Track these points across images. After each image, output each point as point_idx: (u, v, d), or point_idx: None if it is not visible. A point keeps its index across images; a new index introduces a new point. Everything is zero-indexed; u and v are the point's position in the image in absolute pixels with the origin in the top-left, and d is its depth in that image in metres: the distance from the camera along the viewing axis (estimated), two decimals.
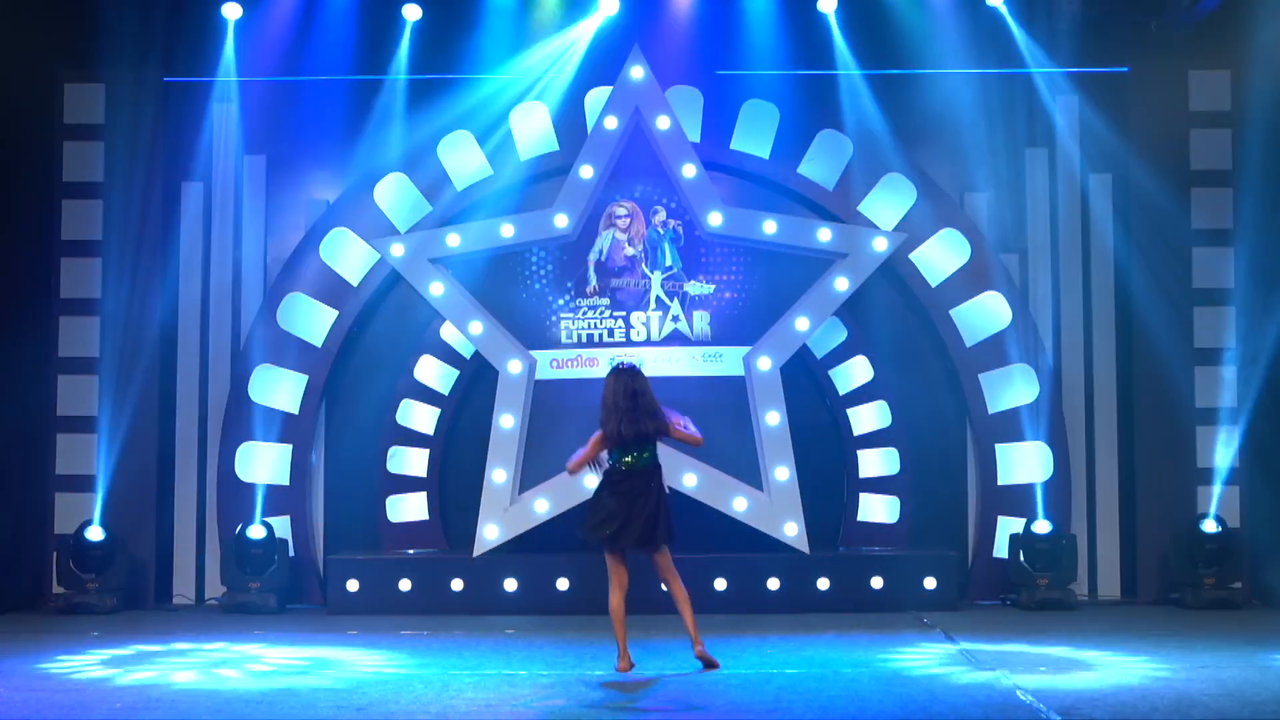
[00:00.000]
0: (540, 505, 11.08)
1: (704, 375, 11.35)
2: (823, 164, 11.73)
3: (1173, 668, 8.26)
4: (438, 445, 11.72)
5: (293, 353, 11.63)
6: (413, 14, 11.63)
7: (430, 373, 11.75)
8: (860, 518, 11.62)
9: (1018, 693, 7.51)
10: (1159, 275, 11.53)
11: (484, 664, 8.65)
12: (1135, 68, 11.64)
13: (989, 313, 11.59)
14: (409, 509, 11.69)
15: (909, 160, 11.71)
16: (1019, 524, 11.24)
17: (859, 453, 11.66)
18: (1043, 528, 11.11)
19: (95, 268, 11.60)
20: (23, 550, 11.42)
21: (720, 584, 10.86)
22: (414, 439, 11.72)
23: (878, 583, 10.96)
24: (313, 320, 11.68)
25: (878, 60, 11.68)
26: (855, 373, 11.70)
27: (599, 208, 11.53)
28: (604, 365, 11.01)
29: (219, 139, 11.87)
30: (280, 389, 11.62)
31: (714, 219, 11.37)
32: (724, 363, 11.41)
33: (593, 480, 8.63)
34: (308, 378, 11.63)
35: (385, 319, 11.92)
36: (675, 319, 11.52)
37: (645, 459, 8.30)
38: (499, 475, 11.14)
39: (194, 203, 11.88)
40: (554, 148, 11.80)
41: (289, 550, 11.30)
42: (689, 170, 11.39)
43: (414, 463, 11.71)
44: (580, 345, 11.48)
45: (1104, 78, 11.74)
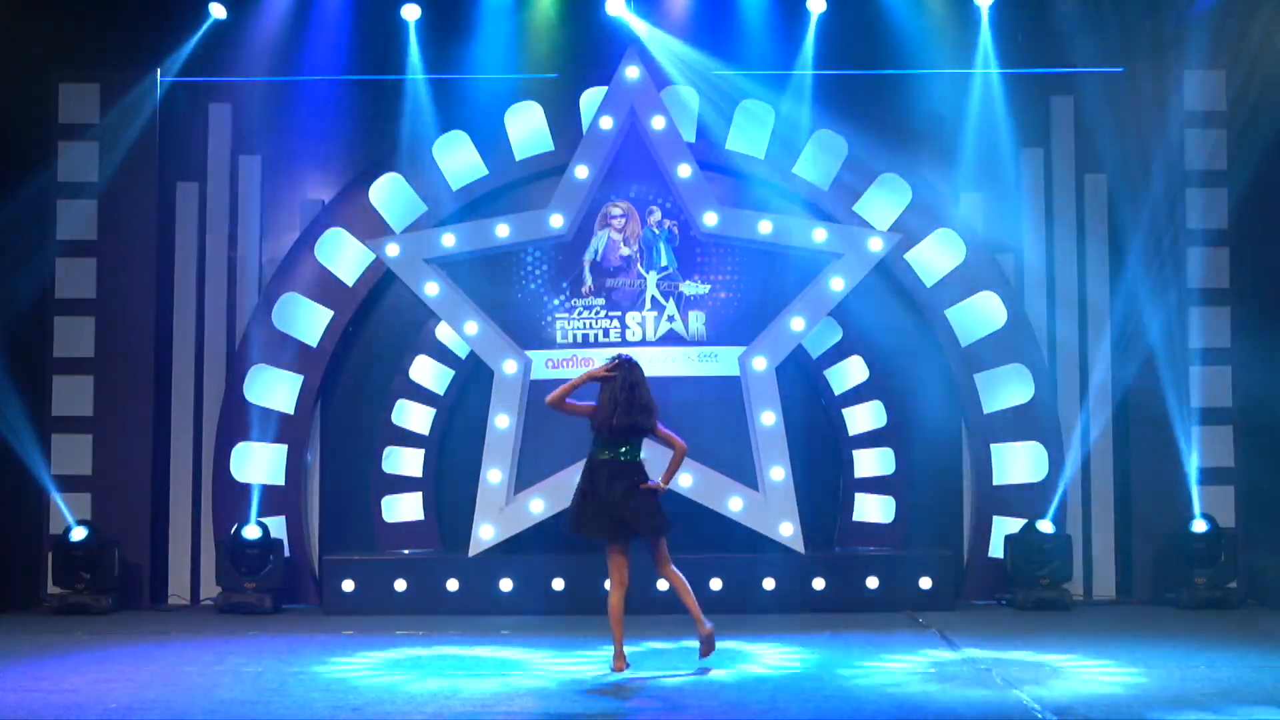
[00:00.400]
0: (535, 505, 11.08)
1: (699, 375, 11.35)
2: (818, 164, 11.73)
3: (1167, 667, 8.27)
4: (433, 445, 11.72)
5: (288, 353, 11.62)
6: (410, 14, 11.63)
7: (426, 373, 11.74)
8: (856, 518, 11.62)
9: (1013, 692, 7.52)
10: (1154, 275, 11.54)
11: (479, 665, 8.64)
12: (1130, 68, 11.64)
13: (984, 313, 11.60)
14: (404, 509, 11.69)
15: (904, 160, 11.72)
16: (1014, 524, 11.25)
17: (854, 453, 11.66)
18: (1038, 528, 11.12)
19: (90, 267, 11.60)
20: (17, 550, 11.41)
21: (715, 584, 10.85)
22: (409, 439, 11.71)
23: (873, 583, 10.96)
24: (308, 320, 11.68)
25: (873, 60, 11.69)
26: (850, 373, 11.70)
27: (594, 208, 11.53)
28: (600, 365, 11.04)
29: (214, 139, 11.93)
30: (276, 389, 11.62)
31: (709, 219, 11.38)
32: (719, 363, 11.40)
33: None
34: (303, 378, 11.63)
35: (381, 319, 11.92)
36: (670, 319, 11.51)
37: (628, 454, 8.30)
38: (494, 475, 11.14)
39: (189, 203, 11.89)
40: (549, 148, 11.80)
41: (284, 550, 11.30)
42: (684, 170, 11.40)
43: (409, 463, 11.71)
44: (575, 345, 11.47)
45: (1099, 78, 11.74)
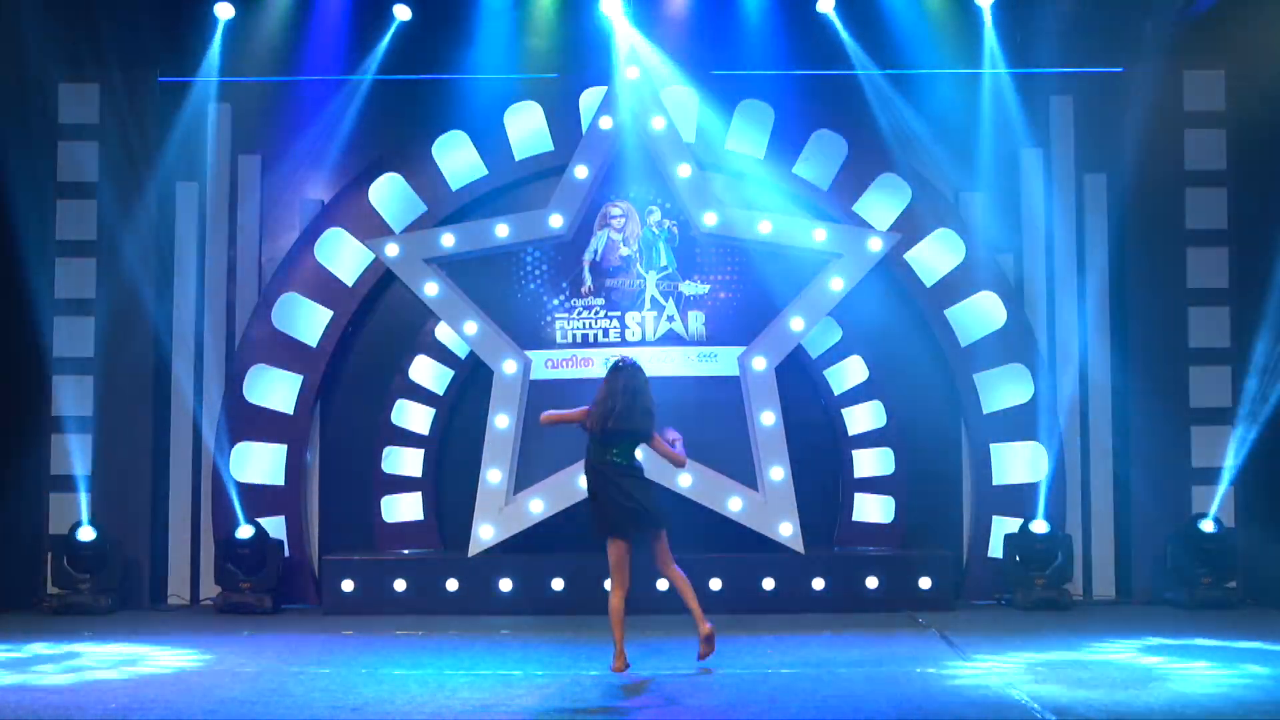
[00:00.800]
0: (535, 505, 11.08)
1: (699, 375, 11.35)
2: (818, 164, 11.73)
3: (1167, 668, 8.28)
4: (433, 445, 11.72)
5: (288, 353, 11.62)
6: (401, 14, 11.61)
7: (425, 373, 11.74)
8: (855, 518, 11.61)
9: (1012, 693, 7.52)
10: (1153, 275, 11.55)
11: (479, 664, 8.64)
12: (1130, 68, 11.64)
13: (984, 313, 11.60)
14: (404, 509, 11.68)
15: (904, 160, 11.72)
16: (1014, 524, 11.25)
17: (854, 453, 11.66)
18: (1038, 528, 11.12)
19: (90, 267, 11.60)
20: (17, 550, 11.40)
21: (715, 584, 10.85)
22: (409, 439, 11.71)
23: (873, 583, 10.96)
24: (308, 320, 11.67)
25: (873, 60, 11.68)
26: (850, 373, 11.70)
27: (594, 208, 11.53)
28: (599, 365, 11.05)
29: (214, 139, 11.89)
30: (275, 389, 11.62)
31: (709, 219, 11.38)
32: (719, 363, 11.40)
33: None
34: (303, 378, 11.62)
35: (380, 319, 11.91)
36: (670, 319, 11.51)
37: (623, 457, 8.29)
38: (494, 475, 11.14)
39: (189, 202, 11.88)
40: (549, 148, 11.80)
41: (284, 550, 11.30)
42: (684, 170, 11.40)
43: (409, 463, 11.71)
44: (575, 345, 11.47)
45: (1098, 78, 11.76)
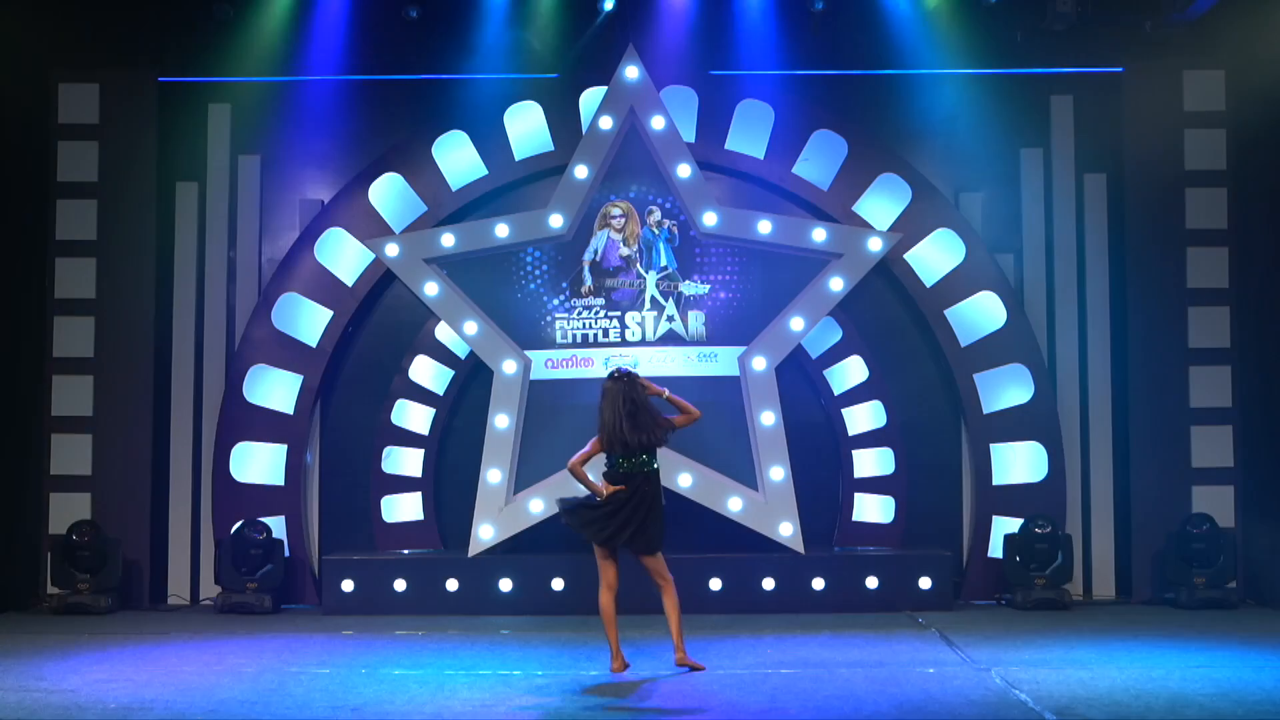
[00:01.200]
0: (535, 505, 11.07)
1: (699, 375, 11.32)
2: (818, 164, 11.72)
3: (1167, 667, 8.27)
4: (433, 445, 11.71)
5: (288, 353, 11.62)
6: (409, 14, 11.60)
7: (425, 373, 11.73)
8: (855, 517, 11.61)
9: (1013, 692, 7.52)
10: (1154, 275, 11.55)
11: (479, 664, 8.64)
12: (1130, 68, 11.64)
13: (984, 312, 11.59)
14: (404, 509, 11.68)
15: (904, 160, 11.72)
16: (1014, 524, 11.24)
17: (854, 453, 11.66)
18: (1038, 528, 11.12)
19: (89, 267, 11.59)
20: (16, 550, 11.40)
21: (715, 584, 10.85)
22: (409, 439, 11.70)
23: (873, 582, 10.96)
24: (308, 320, 11.67)
25: (872, 60, 11.69)
26: (850, 373, 11.69)
27: (594, 208, 11.52)
28: (599, 365, 11.06)
29: (213, 139, 11.91)
30: (275, 389, 11.61)
31: (709, 219, 11.37)
32: (719, 363, 11.39)
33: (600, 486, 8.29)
34: (302, 378, 11.62)
35: (380, 319, 11.90)
36: (670, 319, 11.50)
37: (644, 464, 8.28)
38: (494, 475, 11.13)
39: (188, 202, 11.88)
40: (549, 147, 11.79)
41: (284, 550, 11.29)
42: (684, 170, 11.40)
43: (409, 463, 11.70)
44: (575, 345, 11.46)
45: (1099, 78, 11.76)
